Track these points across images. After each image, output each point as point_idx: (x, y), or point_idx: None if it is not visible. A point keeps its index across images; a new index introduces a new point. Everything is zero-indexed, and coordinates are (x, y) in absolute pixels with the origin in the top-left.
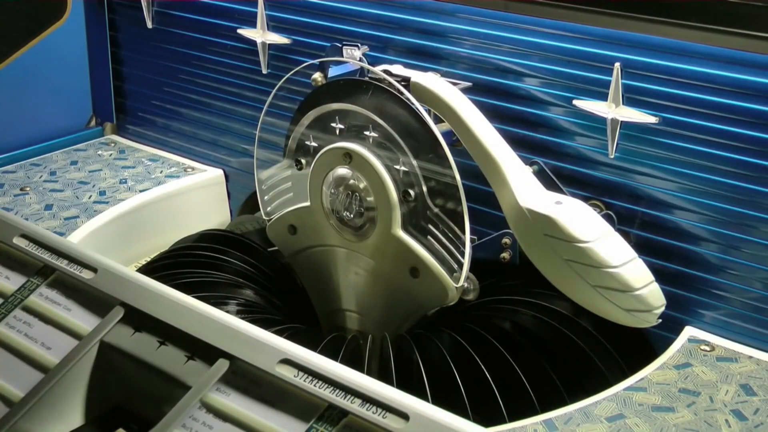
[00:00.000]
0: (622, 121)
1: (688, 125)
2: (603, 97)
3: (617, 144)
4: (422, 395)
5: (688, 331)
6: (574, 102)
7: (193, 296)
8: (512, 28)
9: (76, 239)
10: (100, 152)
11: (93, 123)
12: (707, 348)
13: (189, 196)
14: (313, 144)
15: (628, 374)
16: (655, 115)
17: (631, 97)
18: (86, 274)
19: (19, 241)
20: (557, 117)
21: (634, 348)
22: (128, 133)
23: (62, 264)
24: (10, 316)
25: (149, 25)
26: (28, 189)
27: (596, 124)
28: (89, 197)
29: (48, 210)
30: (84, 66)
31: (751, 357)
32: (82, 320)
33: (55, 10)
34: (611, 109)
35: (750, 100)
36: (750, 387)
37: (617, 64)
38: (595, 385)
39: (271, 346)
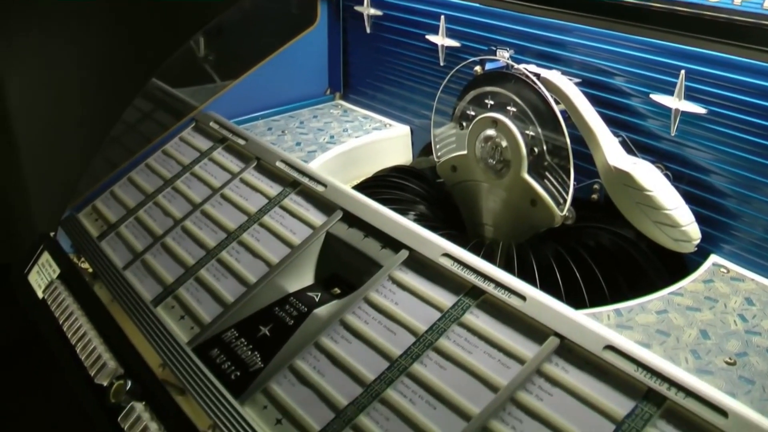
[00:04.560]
0: (681, 111)
1: (724, 115)
2: (670, 93)
3: (677, 126)
4: (534, 285)
5: (712, 258)
6: (651, 96)
7: (387, 207)
8: (610, 42)
9: (314, 166)
10: (332, 111)
11: (328, 92)
12: (725, 271)
13: (387, 142)
14: (472, 113)
15: (671, 284)
16: (704, 108)
17: (689, 94)
18: (319, 188)
19: (280, 164)
20: (637, 105)
21: (676, 266)
22: (350, 100)
23: (305, 180)
24: (272, 211)
25: (368, 30)
26: (286, 132)
27: (664, 111)
28: (323, 139)
29: (298, 146)
30: (324, 55)
31: (753, 279)
32: (315, 216)
33: (310, 19)
34: (675, 102)
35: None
36: (751, 299)
37: (682, 71)
38: (648, 289)
39: (436, 244)
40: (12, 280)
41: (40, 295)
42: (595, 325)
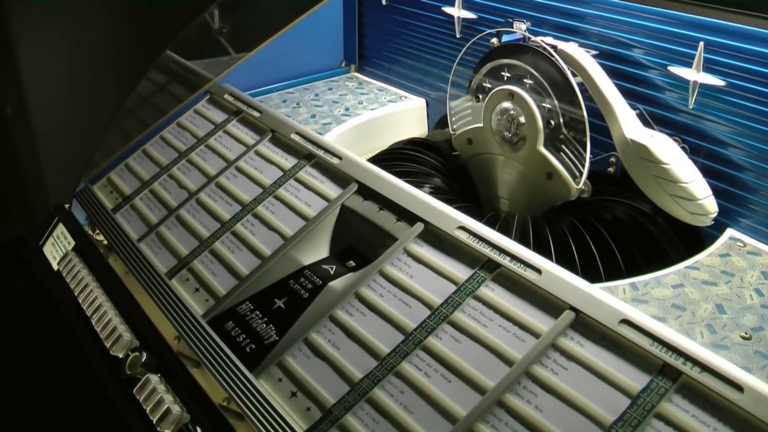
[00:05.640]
0: (700, 83)
1: (743, 88)
2: (688, 65)
3: (695, 98)
4: (549, 258)
5: (729, 232)
6: (669, 68)
7: (402, 179)
8: (628, 14)
9: (329, 138)
10: (347, 83)
11: (343, 64)
12: (741, 245)
13: (402, 115)
14: (488, 85)
15: (687, 257)
16: (723, 80)
17: (707, 66)
18: (334, 161)
19: (294, 137)
20: (655, 77)
21: (692, 240)
22: (365, 72)
23: (320, 152)
24: (286, 184)
25: (384, 2)
26: (301, 104)
27: (681, 83)
28: (338, 111)
29: (312, 118)
30: (340, 27)
31: None
32: (330, 189)
33: None
34: (693, 74)
35: None
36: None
37: (701, 43)
38: (664, 263)
39: (451, 216)
40: (27, 252)
41: (55, 267)
42: (610, 299)
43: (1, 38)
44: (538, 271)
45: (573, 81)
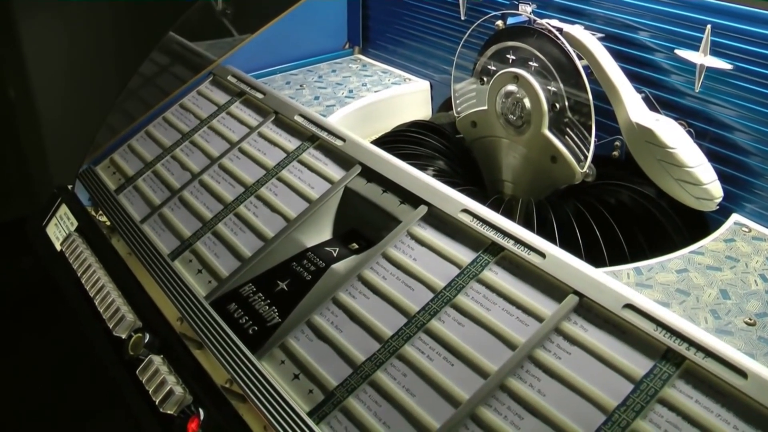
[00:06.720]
0: (706, 66)
1: (750, 71)
2: (695, 48)
3: (701, 82)
4: (553, 242)
5: (734, 217)
6: (675, 51)
7: (406, 162)
8: None
9: (333, 120)
10: (350, 65)
11: (347, 46)
12: (746, 230)
13: (406, 97)
14: (493, 68)
15: (691, 242)
16: (730, 63)
17: (714, 50)
18: (338, 143)
19: (298, 118)
20: (661, 60)
21: (697, 224)
22: (369, 54)
23: (323, 134)
24: (290, 165)
25: None
26: (304, 86)
27: (688, 67)
28: (342, 93)
29: (316, 100)
30: (344, 8)
31: None
32: (334, 171)
33: None
34: (700, 58)
35: None
36: None
37: (708, 26)
38: (668, 248)
39: (455, 199)
40: (30, 233)
41: (58, 247)
42: (614, 283)
43: (4, 19)
44: (542, 255)
45: (578, 64)
